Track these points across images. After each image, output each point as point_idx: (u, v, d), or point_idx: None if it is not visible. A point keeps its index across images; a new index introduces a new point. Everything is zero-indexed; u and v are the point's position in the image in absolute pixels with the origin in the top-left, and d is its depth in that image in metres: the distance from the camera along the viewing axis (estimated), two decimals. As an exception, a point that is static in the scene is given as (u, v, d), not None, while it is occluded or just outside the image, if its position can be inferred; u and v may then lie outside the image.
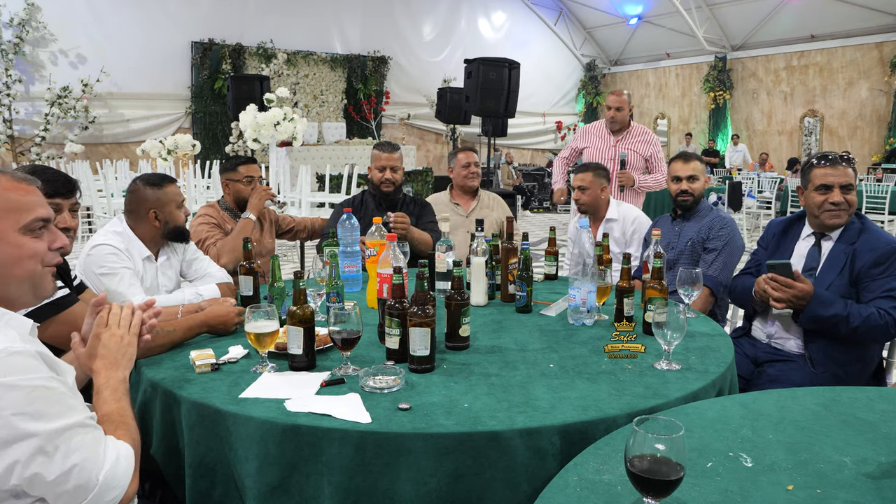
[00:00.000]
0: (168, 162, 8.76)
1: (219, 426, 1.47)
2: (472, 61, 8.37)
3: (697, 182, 2.90)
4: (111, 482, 1.14)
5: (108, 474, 1.14)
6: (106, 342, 1.43)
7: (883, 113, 13.61)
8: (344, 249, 2.57)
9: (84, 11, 11.59)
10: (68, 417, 1.11)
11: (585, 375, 1.68)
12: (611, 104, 4.28)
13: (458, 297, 1.84)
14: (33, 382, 1.08)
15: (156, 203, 2.35)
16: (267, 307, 1.70)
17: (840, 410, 1.49)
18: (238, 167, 3.18)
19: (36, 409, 1.07)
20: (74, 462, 1.10)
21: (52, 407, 1.10)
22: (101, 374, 1.39)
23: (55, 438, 1.08)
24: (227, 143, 11.60)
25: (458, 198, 3.78)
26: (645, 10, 16.35)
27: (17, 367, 1.07)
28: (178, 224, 2.41)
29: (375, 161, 3.34)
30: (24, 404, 1.06)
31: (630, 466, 1.03)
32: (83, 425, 1.14)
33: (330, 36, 14.49)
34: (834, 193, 2.26)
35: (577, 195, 3.34)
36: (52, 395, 1.11)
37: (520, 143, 17.31)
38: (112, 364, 1.41)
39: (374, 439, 1.35)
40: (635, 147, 4.32)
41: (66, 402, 1.13)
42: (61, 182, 2.01)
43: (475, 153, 3.80)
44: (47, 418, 1.08)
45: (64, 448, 1.09)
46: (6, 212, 1.19)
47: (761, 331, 2.47)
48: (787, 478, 1.18)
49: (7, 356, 1.07)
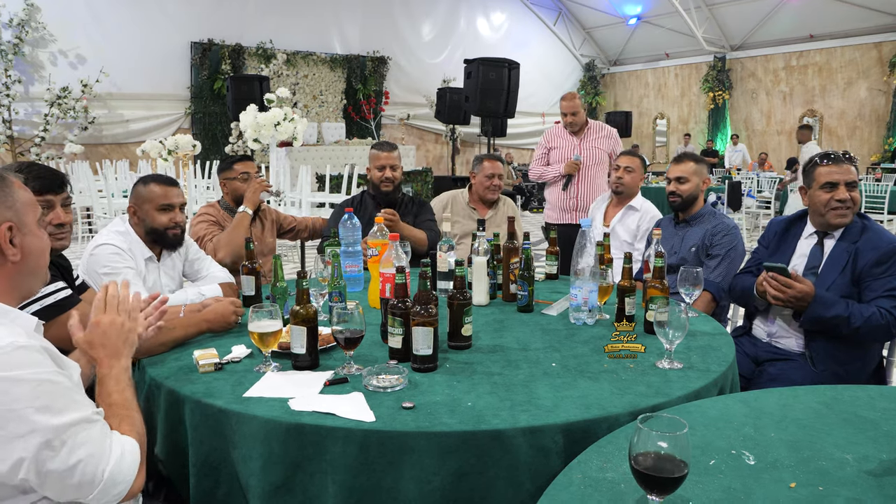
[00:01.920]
0: (168, 162, 8.76)
1: (223, 425, 1.48)
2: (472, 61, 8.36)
3: (686, 184, 2.90)
4: (116, 477, 1.15)
5: (114, 469, 1.15)
6: (106, 330, 1.42)
7: (882, 113, 13.63)
8: (346, 249, 2.58)
9: (83, 12, 11.58)
10: (74, 412, 1.12)
11: (588, 374, 1.68)
12: (565, 111, 4.48)
13: (461, 297, 1.84)
14: (39, 376, 1.09)
15: (136, 199, 2.33)
16: (270, 307, 1.71)
17: (841, 409, 1.49)
18: (233, 165, 3.21)
19: (42, 404, 1.08)
20: (80, 457, 1.10)
21: (58, 401, 1.10)
22: (103, 364, 1.39)
23: (61, 433, 1.09)
24: (227, 143, 11.58)
25: (476, 203, 3.74)
26: (644, 10, 16.36)
27: (22, 361, 1.08)
28: (154, 226, 2.32)
29: (374, 160, 3.34)
30: (31, 398, 1.07)
31: (634, 464, 1.03)
32: (89, 420, 1.15)
33: (329, 36, 14.49)
34: (839, 191, 2.26)
35: (621, 173, 3.50)
36: (58, 389, 1.11)
37: (519, 143, 17.31)
38: (113, 353, 1.40)
39: (378, 438, 1.36)
40: (597, 144, 4.49)
41: (72, 396, 1.14)
42: (50, 178, 1.95)
43: (502, 164, 3.75)
44: (53, 412, 1.09)
45: (70, 443, 1.10)
46: (28, 206, 1.26)
47: (762, 330, 2.47)
48: (789, 475, 1.19)
49: (13, 350, 1.08)
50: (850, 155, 2.30)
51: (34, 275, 1.28)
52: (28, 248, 1.24)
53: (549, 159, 4.58)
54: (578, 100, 4.49)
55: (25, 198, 1.26)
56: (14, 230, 1.21)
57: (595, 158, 4.45)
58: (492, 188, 3.65)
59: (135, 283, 2.24)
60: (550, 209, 4.60)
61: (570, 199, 4.45)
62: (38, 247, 1.27)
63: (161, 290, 2.39)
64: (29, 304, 1.70)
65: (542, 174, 4.58)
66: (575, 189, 4.43)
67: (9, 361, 1.07)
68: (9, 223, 1.21)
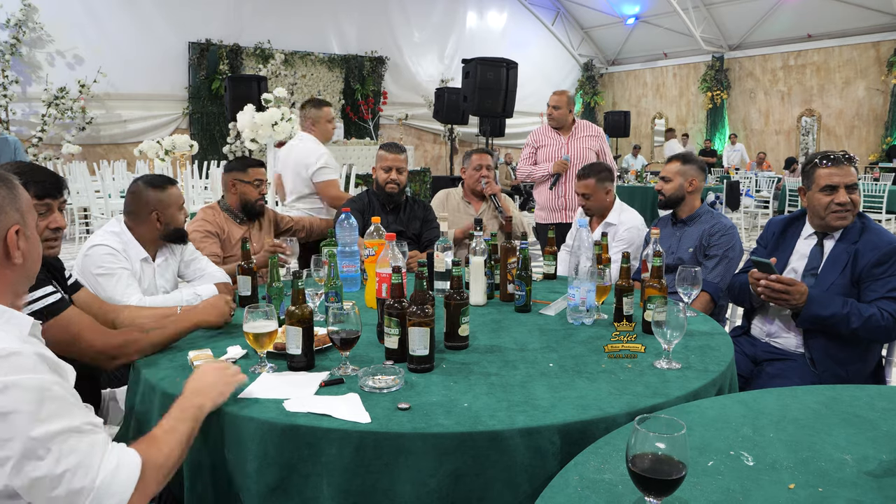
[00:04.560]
0: (165, 162, 8.73)
1: (217, 426, 1.46)
2: (470, 61, 8.35)
3: (669, 183, 2.93)
4: (109, 488, 1.12)
5: (105, 481, 1.11)
6: (208, 371, 1.50)
7: (880, 112, 13.63)
8: (342, 249, 2.57)
9: (81, 12, 11.55)
10: (64, 420, 1.10)
11: (585, 374, 1.67)
12: (550, 102, 4.48)
13: (458, 297, 1.83)
14: (30, 383, 1.07)
15: (158, 205, 2.34)
16: (265, 307, 1.70)
17: (841, 409, 1.49)
18: (248, 168, 3.09)
19: (31, 410, 1.06)
20: (66, 467, 1.08)
21: (48, 408, 1.08)
22: (186, 390, 1.44)
23: (48, 441, 1.07)
24: (225, 143, 11.57)
25: (470, 197, 3.77)
26: (642, 9, 16.36)
27: (13, 367, 1.07)
28: (178, 226, 2.42)
29: (381, 161, 3.31)
30: (20, 404, 1.05)
31: (631, 465, 1.02)
32: (79, 430, 1.12)
33: (327, 36, 14.47)
34: (840, 194, 2.23)
35: (581, 202, 3.35)
36: (49, 396, 1.10)
37: (518, 143, 17.23)
38: (198, 390, 1.43)
39: (374, 439, 1.35)
40: (585, 143, 4.47)
41: (64, 404, 1.12)
42: (51, 182, 1.93)
43: (490, 156, 3.77)
44: (42, 420, 1.07)
45: (56, 451, 1.08)
46: (30, 209, 1.27)
47: (760, 329, 2.46)
48: (788, 476, 1.18)
49: (7, 356, 1.06)
50: (850, 155, 2.28)
51: (29, 279, 1.28)
52: (28, 251, 1.25)
53: (537, 158, 4.56)
54: (566, 97, 4.49)
55: (28, 200, 1.27)
56: (20, 233, 1.22)
57: (583, 157, 4.41)
58: (480, 178, 3.67)
59: (129, 283, 2.23)
60: (540, 209, 4.58)
61: (559, 199, 4.43)
62: (37, 251, 1.29)
63: (156, 291, 2.38)
64: None
65: (531, 174, 4.56)
66: (563, 188, 4.41)
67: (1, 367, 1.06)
68: (17, 226, 1.21)
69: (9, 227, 1.20)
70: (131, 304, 2.18)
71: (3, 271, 1.21)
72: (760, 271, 2.23)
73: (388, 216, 3.29)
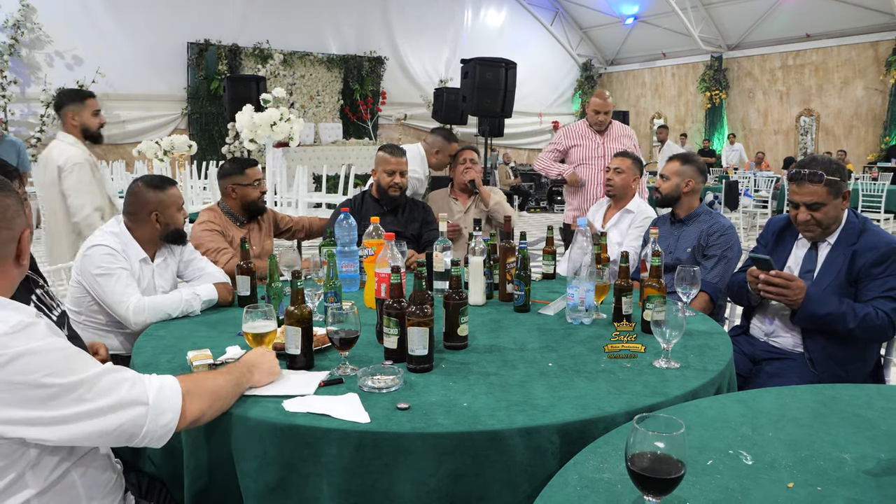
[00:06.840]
0: (164, 163, 8.73)
1: (217, 426, 1.46)
2: (469, 61, 8.34)
3: (666, 182, 2.95)
4: (161, 405, 1.24)
5: (155, 400, 1.24)
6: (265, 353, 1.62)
7: (878, 112, 13.64)
8: (341, 249, 2.57)
9: (79, 13, 11.55)
10: (97, 366, 1.20)
11: (584, 374, 1.68)
12: (598, 108, 4.42)
13: (457, 297, 1.83)
14: (56, 345, 1.16)
15: (158, 205, 2.34)
16: (265, 307, 1.70)
17: (839, 408, 1.49)
18: (245, 170, 3.05)
19: (65, 367, 1.15)
20: (118, 397, 1.19)
21: (77, 361, 1.18)
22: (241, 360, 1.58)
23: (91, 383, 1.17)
24: (224, 143, 11.56)
25: (458, 194, 3.80)
26: (641, 9, 16.36)
27: (32, 335, 1.13)
28: (177, 226, 2.42)
29: (384, 164, 3.30)
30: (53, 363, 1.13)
31: (630, 465, 1.02)
32: (112, 370, 1.23)
33: (326, 36, 14.47)
34: (800, 211, 2.27)
35: (610, 175, 3.40)
36: (73, 352, 1.19)
37: (517, 143, 17.30)
38: (253, 362, 1.56)
39: (373, 439, 1.35)
40: (620, 143, 4.44)
41: (88, 357, 1.22)
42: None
43: (474, 151, 3.82)
44: (75, 370, 1.16)
45: (104, 387, 1.18)
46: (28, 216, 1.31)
47: (759, 329, 2.47)
48: (787, 475, 1.18)
49: (24, 328, 1.13)
50: (819, 172, 2.19)
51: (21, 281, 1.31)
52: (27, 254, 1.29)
53: (569, 156, 4.50)
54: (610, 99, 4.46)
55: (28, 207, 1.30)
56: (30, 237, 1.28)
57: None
58: (465, 171, 3.71)
59: (128, 283, 2.23)
60: (571, 210, 4.54)
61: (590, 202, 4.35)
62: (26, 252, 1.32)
63: (155, 291, 2.38)
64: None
65: (548, 170, 4.54)
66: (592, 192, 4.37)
67: (23, 336, 1.11)
68: (27, 229, 1.26)
69: (22, 230, 1.25)
70: (130, 303, 2.17)
71: (11, 271, 1.25)
72: (759, 268, 2.23)
73: (386, 217, 3.29)
